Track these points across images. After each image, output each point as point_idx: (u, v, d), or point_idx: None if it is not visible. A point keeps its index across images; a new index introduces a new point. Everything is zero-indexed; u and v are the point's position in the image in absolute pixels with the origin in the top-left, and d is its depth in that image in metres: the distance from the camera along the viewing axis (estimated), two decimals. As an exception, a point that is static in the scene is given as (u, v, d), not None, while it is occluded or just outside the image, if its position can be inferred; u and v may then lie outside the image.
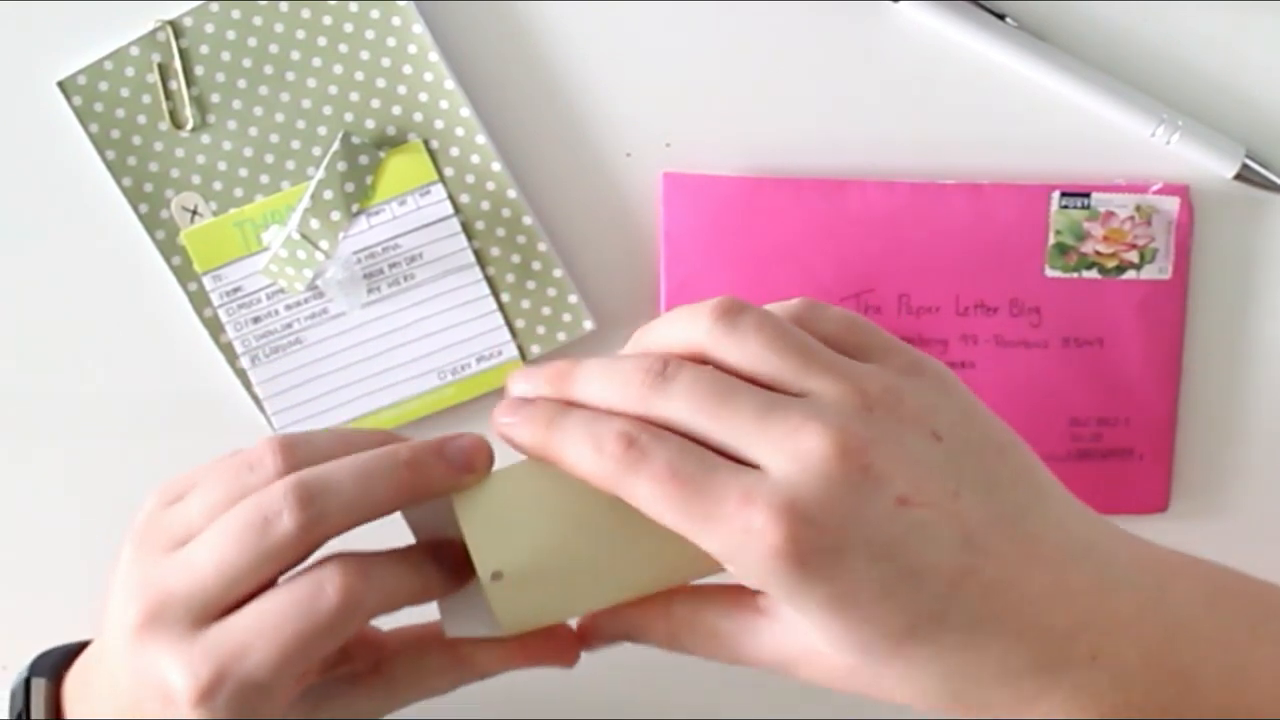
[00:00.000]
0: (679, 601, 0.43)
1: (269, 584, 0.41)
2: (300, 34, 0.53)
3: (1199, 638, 0.41)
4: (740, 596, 0.42)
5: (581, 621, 0.45)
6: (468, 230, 0.54)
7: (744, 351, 0.40)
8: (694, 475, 0.38)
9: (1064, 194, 0.54)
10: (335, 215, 0.52)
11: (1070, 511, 0.42)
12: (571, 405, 0.41)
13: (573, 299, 0.54)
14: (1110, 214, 0.54)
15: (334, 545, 0.42)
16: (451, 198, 0.54)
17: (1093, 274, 0.54)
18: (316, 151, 0.53)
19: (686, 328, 0.41)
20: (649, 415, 0.39)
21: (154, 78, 0.53)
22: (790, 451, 0.38)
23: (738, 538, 0.37)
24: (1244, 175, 0.54)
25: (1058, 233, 0.54)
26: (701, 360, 0.41)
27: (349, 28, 0.53)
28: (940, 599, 0.38)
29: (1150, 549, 0.43)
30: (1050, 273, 0.54)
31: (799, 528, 0.37)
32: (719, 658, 0.43)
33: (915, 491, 0.38)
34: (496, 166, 0.53)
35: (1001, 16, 0.53)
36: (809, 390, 0.39)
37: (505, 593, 0.41)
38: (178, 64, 0.53)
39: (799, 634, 0.40)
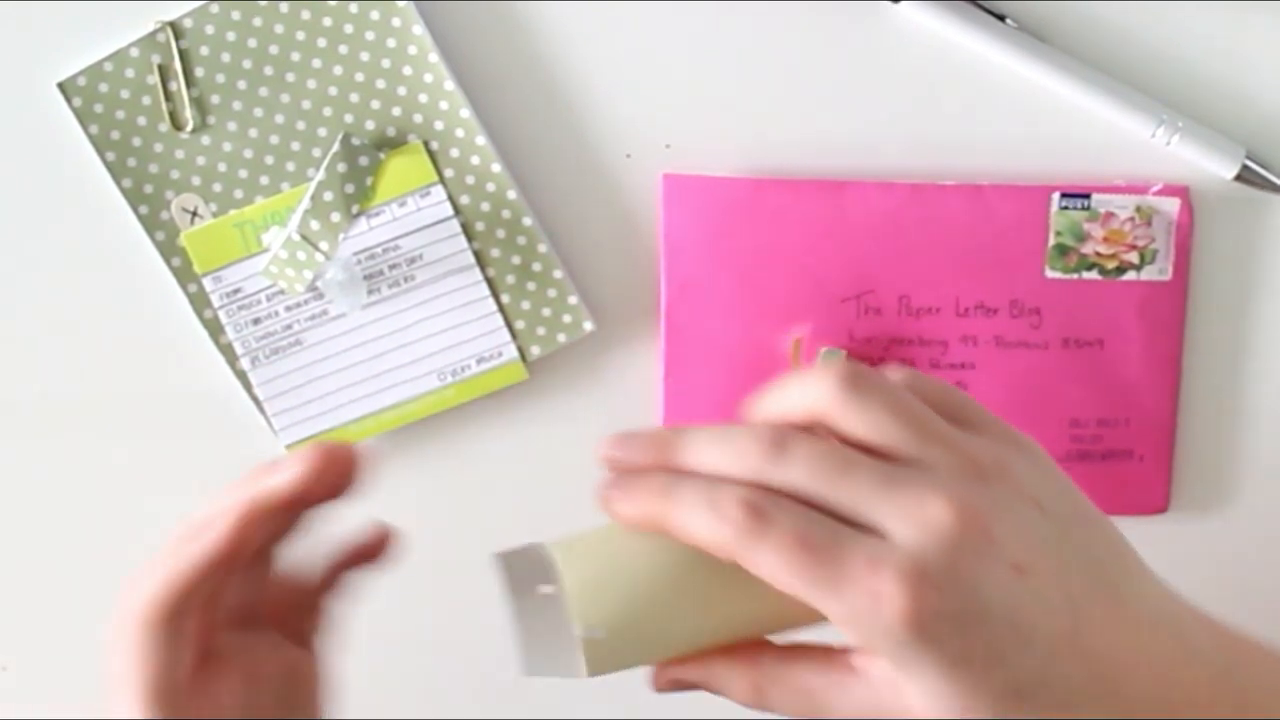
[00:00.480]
0: (768, 655, 0.43)
1: None
2: (300, 35, 0.53)
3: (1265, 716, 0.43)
4: (831, 652, 0.42)
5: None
6: (468, 231, 0.54)
7: (866, 421, 0.40)
8: (820, 542, 0.39)
9: (1064, 195, 0.54)
10: (335, 216, 0.52)
11: (1153, 584, 0.43)
12: (682, 474, 0.41)
13: (573, 300, 0.54)
14: (1110, 215, 0.54)
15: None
16: (451, 199, 0.54)
17: (1093, 275, 0.54)
18: (316, 153, 0.53)
19: (807, 395, 0.41)
20: (767, 482, 0.40)
21: (154, 79, 0.53)
22: (915, 519, 0.38)
23: (863, 603, 0.38)
24: (1244, 176, 0.54)
25: (1058, 234, 0.54)
26: (815, 427, 0.41)
27: (349, 29, 0.53)
28: (1046, 664, 0.39)
29: (1220, 626, 0.44)
30: (1050, 274, 0.54)
31: (925, 593, 0.38)
32: (802, 713, 0.43)
33: (1028, 560, 0.39)
34: (496, 168, 0.53)
35: (1001, 17, 0.53)
36: (925, 459, 0.40)
37: (599, 648, 0.42)
38: (178, 65, 0.53)
39: (892, 692, 0.40)
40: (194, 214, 0.54)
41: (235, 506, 0.43)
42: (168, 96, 0.53)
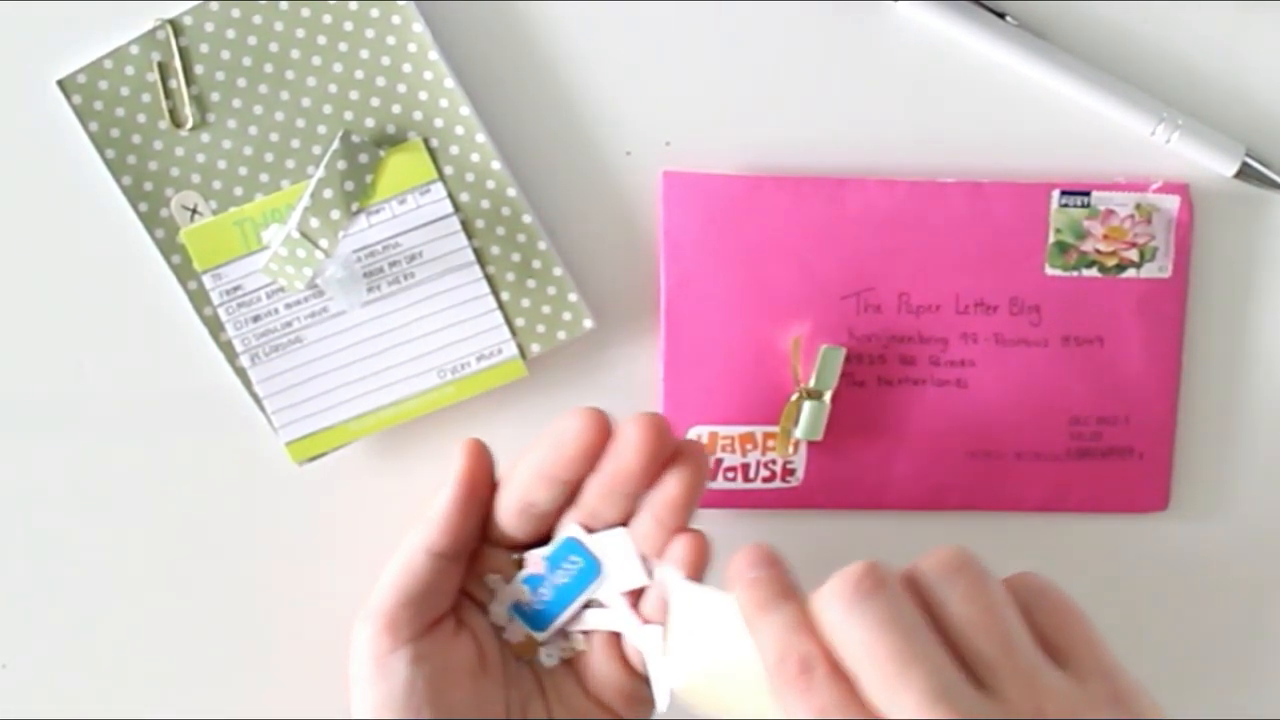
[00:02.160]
0: None
1: None
2: (300, 33, 0.53)
3: None
4: None
5: None
6: (467, 229, 0.54)
7: (950, 610, 0.40)
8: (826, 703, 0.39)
9: (1064, 192, 0.54)
10: (335, 214, 0.52)
11: None
12: (792, 595, 0.42)
13: (572, 297, 0.54)
14: (1110, 212, 0.54)
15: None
16: (451, 196, 0.54)
17: (1093, 272, 0.54)
18: (316, 150, 0.53)
19: (931, 561, 0.41)
20: (833, 642, 0.40)
21: (154, 76, 0.53)
22: None
23: None
24: (1244, 174, 0.54)
25: (1058, 231, 0.54)
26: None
27: (349, 26, 0.53)
28: None
29: None
30: (1050, 271, 0.54)
31: None
32: None
33: None
34: (496, 165, 0.53)
35: (1002, 15, 0.53)
36: (990, 687, 0.39)
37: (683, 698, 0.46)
38: (178, 63, 0.53)
39: None
40: (194, 211, 0.54)
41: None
42: (168, 94, 0.53)
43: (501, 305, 0.54)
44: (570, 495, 0.48)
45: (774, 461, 0.55)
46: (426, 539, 0.49)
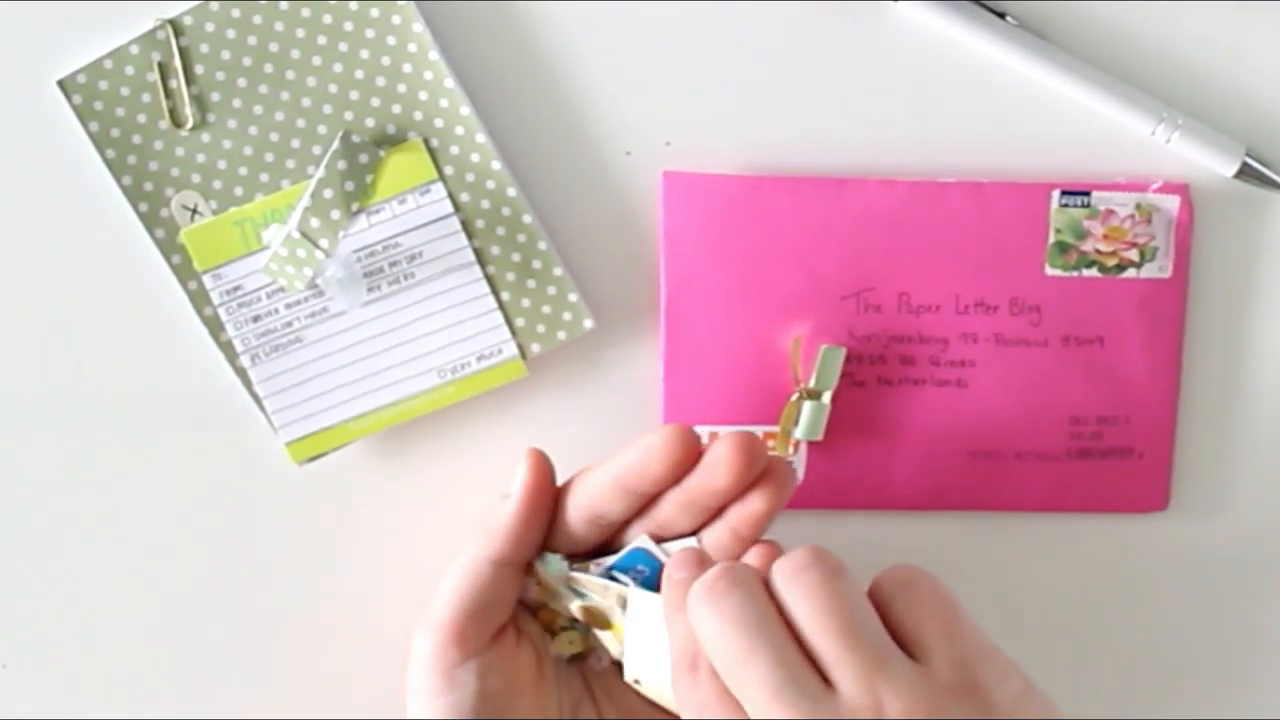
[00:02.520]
0: None
1: None
2: (300, 33, 0.53)
3: None
4: None
5: None
6: (468, 229, 0.54)
7: (794, 607, 0.41)
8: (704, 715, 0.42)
9: (1064, 192, 0.54)
10: (335, 214, 0.52)
11: None
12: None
13: (573, 298, 0.54)
14: (1110, 212, 0.54)
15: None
16: (451, 196, 0.54)
17: (1093, 272, 0.54)
18: (316, 150, 0.53)
19: (783, 560, 0.43)
20: (698, 640, 0.42)
21: (154, 76, 0.53)
22: None
23: None
24: (1244, 174, 0.54)
25: (1058, 231, 0.54)
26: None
27: (349, 26, 0.53)
28: None
29: None
30: (1050, 271, 0.54)
31: None
32: None
33: None
34: (496, 165, 0.53)
35: (1002, 15, 0.53)
36: (835, 681, 0.40)
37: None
38: (178, 63, 0.53)
39: None
40: (194, 211, 0.54)
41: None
42: (168, 94, 0.53)
43: (501, 305, 0.54)
44: (642, 507, 0.49)
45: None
46: (492, 550, 0.49)
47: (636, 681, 0.49)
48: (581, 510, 0.49)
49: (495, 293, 0.54)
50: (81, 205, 0.54)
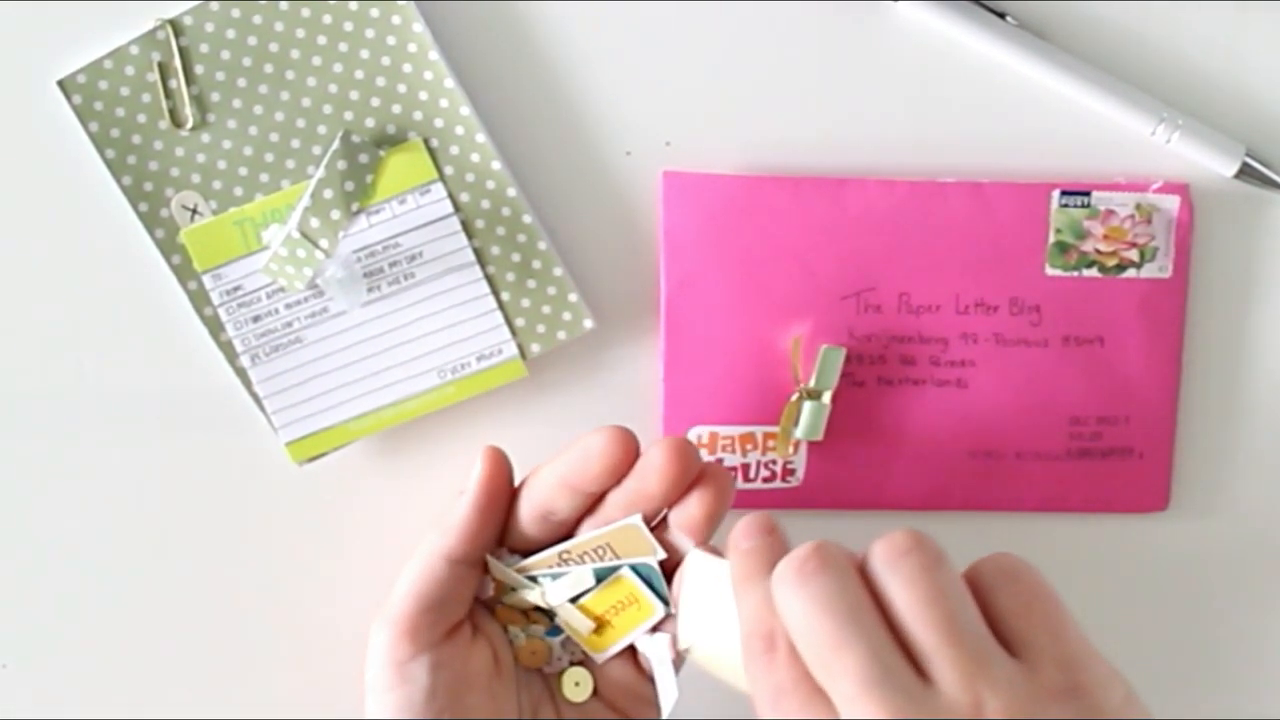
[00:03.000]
0: None
1: None
2: (300, 33, 0.53)
3: None
4: None
5: None
6: (468, 229, 0.54)
7: (892, 594, 0.39)
8: (781, 702, 0.39)
9: (1064, 192, 0.54)
10: (335, 214, 0.52)
11: None
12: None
13: (573, 298, 0.54)
14: (1110, 212, 0.54)
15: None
16: (451, 196, 0.54)
17: (1093, 272, 0.54)
18: (316, 150, 0.53)
19: (881, 544, 0.41)
20: (784, 621, 0.40)
21: (154, 76, 0.53)
22: None
23: None
24: (1244, 174, 0.54)
25: (1058, 231, 0.54)
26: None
27: (349, 26, 0.53)
28: None
29: None
30: (1050, 271, 0.54)
31: None
32: None
33: None
34: (496, 165, 0.53)
35: (1002, 15, 0.53)
36: (932, 676, 0.38)
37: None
38: (178, 63, 0.53)
39: None
40: (194, 211, 0.53)
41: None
42: (168, 94, 0.53)
43: (501, 305, 0.54)
44: (591, 505, 0.49)
45: (774, 462, 0.55)
46: (446, 546, 0.49)
47: (688, 650, 0.48)
48: (533, 507, 0.49)
49: (495, 293, 0.54)
50: (81, 205, 0.54)
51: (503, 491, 0.50)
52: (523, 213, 0.54)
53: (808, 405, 0.54)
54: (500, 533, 0.50)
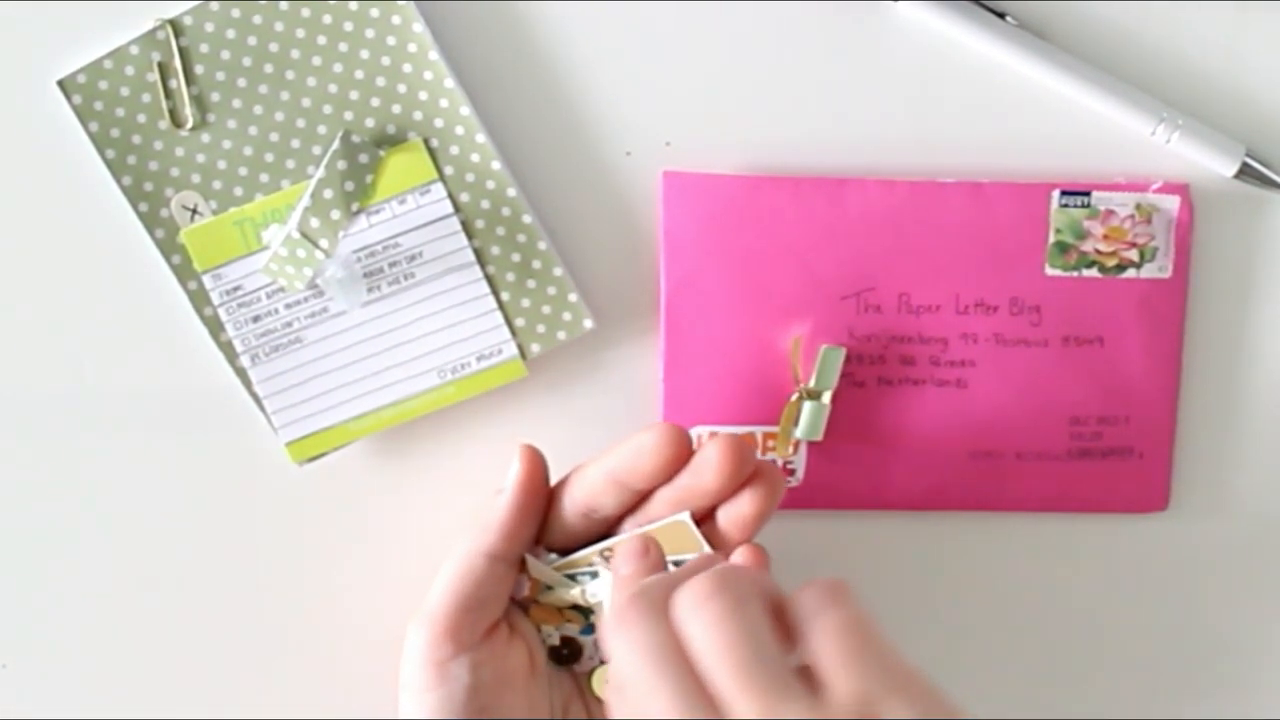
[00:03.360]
0: None
1: None
2: (300, 33, 0.53)
3: None
4: None
5: None
6: (467, 229, 0.54)
7: (693, 640, 0.40)
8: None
9: (1064, 192, 0.54)
10: (335, 214, 0.52)
11: None
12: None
13: (573, 298, 0.54)
14: (1110, 212, 0.54)
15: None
16: (451, 196, 0.54)
17: (1093, 272, 0.54)
18: (316, 150, 0.53)
19: (687, 588, 0.41)
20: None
21: (154, 76, 0.53)
22: None
23: None
24: (1244, 174, 0.54)
25: (1058, 231, 0.54)
26: None
27: (349, 27, 0.53)
28: None
29: None
30: (1050, 271, 0.54)
31: None
32: None
33: None
34: (496, 165, 0.53)
35: (1002, 15, 0.53)
36: (731, 716, 0.38)
37: None
38: (178, 63, 0.53)
39: None
40: (194, 211, 0.53)
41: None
42: (168, 94, 0.53)
43: (501, 305, 0.54)
44: (636, 503, 0.49)
45: (774, 462, 0.55)
46: (486, 544, 0.49)
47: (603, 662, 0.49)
48: (576, 504, 0.49)
49: (495, 293, 0.54)
50: (81, 205, 0.54)
51: (541, 489, 0.50)
52: (523, 213, 0.54)
53: (808, 405, 0.54)
54: (538, 530, 0.50)
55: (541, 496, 0.50)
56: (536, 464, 0.50)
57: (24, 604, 0.57)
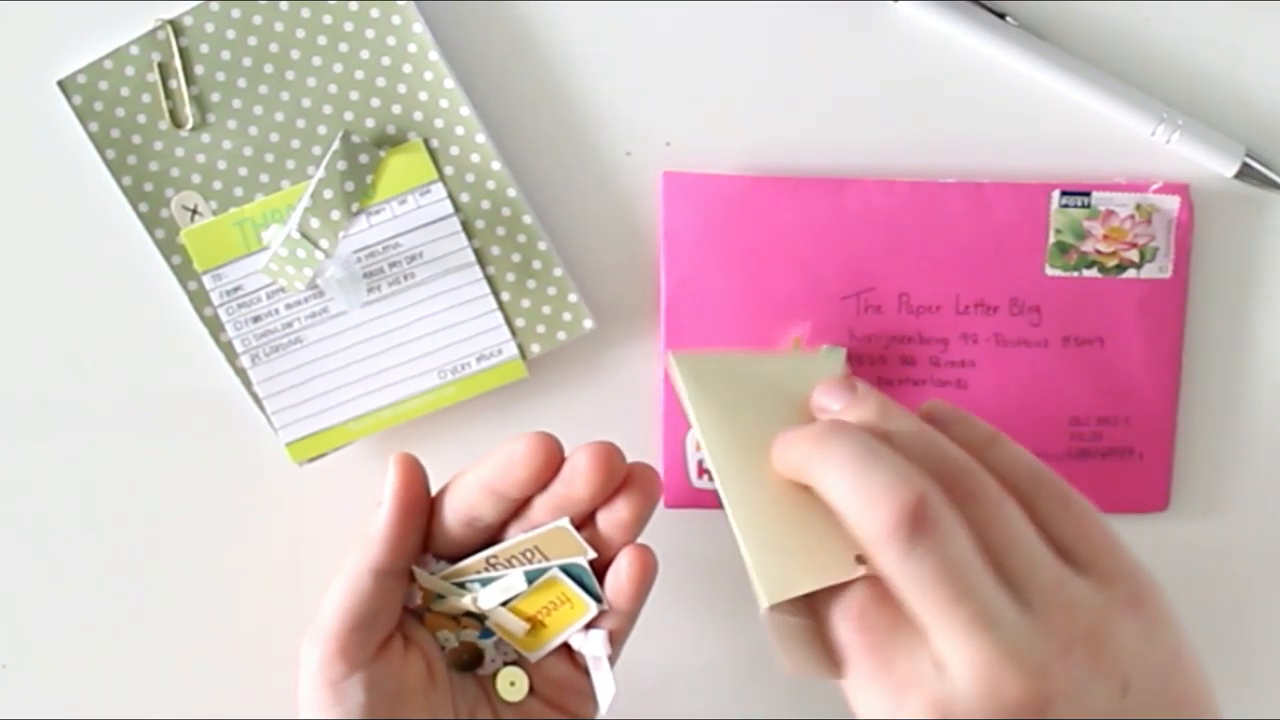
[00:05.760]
0: None
1: None
2: (300, 33, 0.53)
3: None
4: None
5: None
6: (468, 229, 0.54)
7: (982, 529, 0.40)
8: (879, 632, 0.40)
9: (1064, 193, 0.54)
10: (335, 214, 0.52)
11: None
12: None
13: (573, 298, 0.54)
14: (1110, 213, 0.54)
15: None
16: (451, 197, 0.54)
17: (1093, 273, 0.54)
18: (316, 150, 0.53)
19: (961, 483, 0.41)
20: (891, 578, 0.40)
21: (154, 77, 0.53)
22: (983, 676, 0.38)
23: (891, 702, 0.39)
24: (1244, 174, 0.54)
25: (1058, 231, 0.54)
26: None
27: (349, 27, 0.53)
28: None
29: None
30: (1050, 271, 0.54)
31: None
32: None
33: None
34: (496, 165, 0.53)
35: (1002, 16, 0.53)
36: (1025, 601, 0.39)
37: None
38: (178, 63, 0.53)
39: None
40: (194, 212, 0.54)
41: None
42: (168, 94, 0.53)
43: (501, 306, 0.54)
44: (516, 510, 0.49)
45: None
46: (370, 559, 0.48)
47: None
48: (457, 513, 0.49)
49: (495, 293, 0.54)
50: (81, 205, 0.54)
51: (420, 499, 0.49)
52: (523, 213, 0.54)
53: (808, 405, 0.54)
54: (424, 540, 0.50)
55: (422, 507, 0.49)
56: (412, 474, 0.49)
57: (24, 604, 0.57)
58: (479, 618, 0.51)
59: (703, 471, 0.55)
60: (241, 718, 0.57)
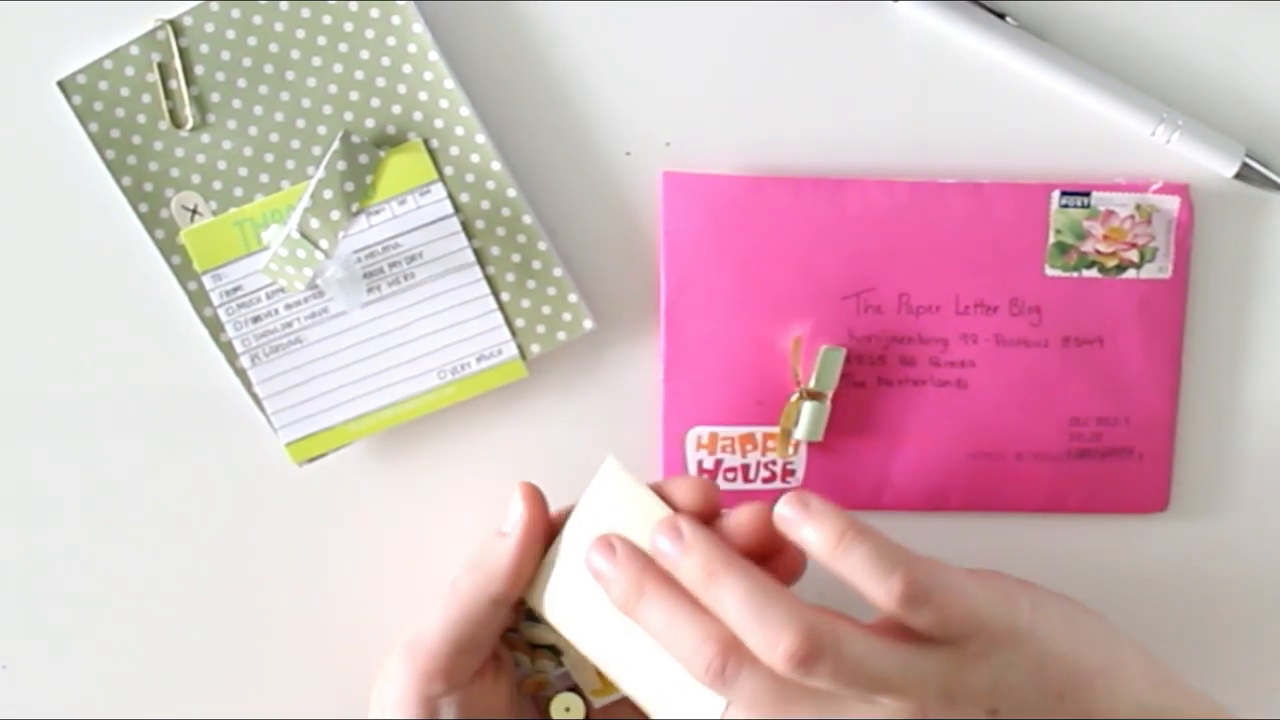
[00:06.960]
0: None
1: None
2: (300, 33, 0.53)
3: None
4: None
5: None
6: (467, 229, 0.54)
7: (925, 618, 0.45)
8: None
9: (1064, 193, 0.54)
10: (335, 214, 0.52)
11: None
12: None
13: (573, 298, 0.54)
14: (1110, 213, 0.54)
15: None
16: (451, 197, 0.54)
17: (1093, 273, 0.54)
18: (316, 151, 0.53)
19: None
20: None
21: (154, 77, 0.53)
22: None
23: None
24: (1244, 174, 0.54)
25: (1058, 232, 0.54)
26: None
27: (349, 27, 0.53)
28: None
29: None
30: (1050, 272, 0.54)
31: None
32: None
33: None
34: (496, 166, 0.53)
35: (1002, 16, 0.53)
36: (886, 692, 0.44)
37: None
38: (178, 63, 0.53)
39: None
40: (194, 212, 0.54)
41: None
42: (168, 94, 0.53)
43: (501, 306, 0.54)
44: None
45: (774, 462, 0.55)
46: (492, 590, 0.48)
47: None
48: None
49: (495, 293, 0.54)
50: (81, 205, 0.54)
51: (546, 531, 0.49)
52: (523, 213, 0.54)
53: (808, 406, 0.54)
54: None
55: (545, 536, 0.49)
56: (539, 506, 0.49)
57: (24, 604, 0.57)
58: (557, 650, 0.51)
59: (703, 470, 0.55)
60: (241, 718, 0.57)
